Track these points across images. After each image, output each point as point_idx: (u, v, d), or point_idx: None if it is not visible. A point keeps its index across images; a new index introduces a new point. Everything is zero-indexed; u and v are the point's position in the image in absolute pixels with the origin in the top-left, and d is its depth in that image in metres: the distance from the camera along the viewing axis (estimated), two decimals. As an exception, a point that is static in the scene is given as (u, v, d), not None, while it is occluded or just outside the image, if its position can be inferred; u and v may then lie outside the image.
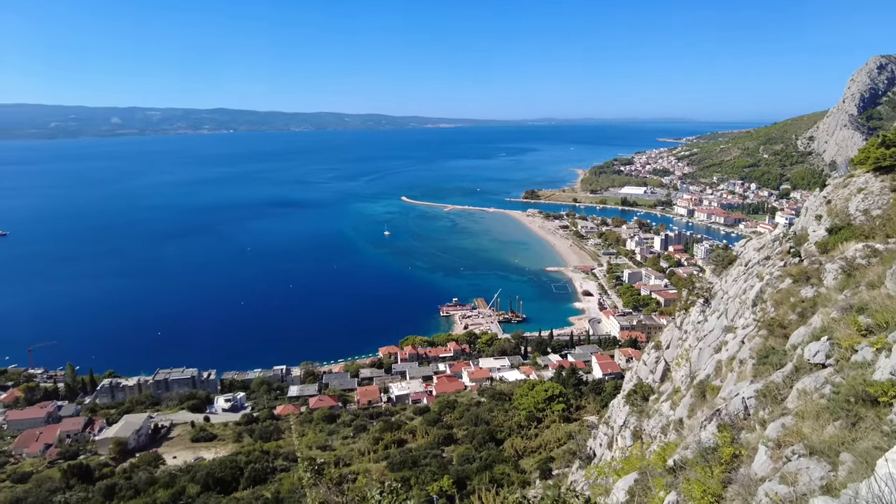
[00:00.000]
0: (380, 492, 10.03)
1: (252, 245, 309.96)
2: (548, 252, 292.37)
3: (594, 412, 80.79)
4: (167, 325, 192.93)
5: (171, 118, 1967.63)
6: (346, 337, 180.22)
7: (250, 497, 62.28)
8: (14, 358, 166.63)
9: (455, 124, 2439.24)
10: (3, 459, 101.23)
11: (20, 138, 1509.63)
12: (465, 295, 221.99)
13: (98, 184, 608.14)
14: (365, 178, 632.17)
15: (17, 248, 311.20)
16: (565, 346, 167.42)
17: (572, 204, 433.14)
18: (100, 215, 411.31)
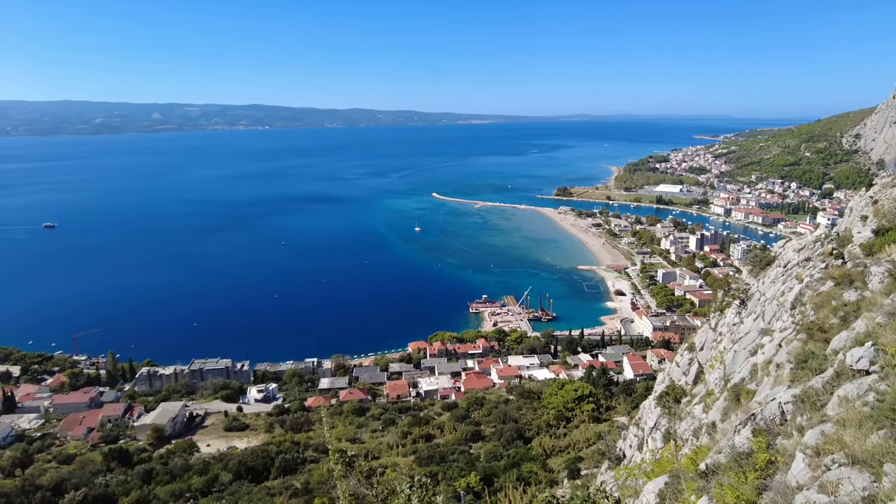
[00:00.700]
0: (409, 486, 10.06)
1: (286, 239, 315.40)
2: (580, 250, 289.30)
3: (624, 413, 79.71)
4: (203, 316, 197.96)
5: (209, 114, 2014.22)
6: (376, 331, 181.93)
7: (281, 486, 63.38)
8: (60, 345, 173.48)
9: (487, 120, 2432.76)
10: (49, 441, 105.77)
11: (67, 134, 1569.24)
12: (494, 292, 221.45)
13: (140, 178, 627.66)
14: (396, 174, 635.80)
15: (65, 240, 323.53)
16: (596, 345, 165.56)
17: (606, 202, 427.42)
18: (141, 209, 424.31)
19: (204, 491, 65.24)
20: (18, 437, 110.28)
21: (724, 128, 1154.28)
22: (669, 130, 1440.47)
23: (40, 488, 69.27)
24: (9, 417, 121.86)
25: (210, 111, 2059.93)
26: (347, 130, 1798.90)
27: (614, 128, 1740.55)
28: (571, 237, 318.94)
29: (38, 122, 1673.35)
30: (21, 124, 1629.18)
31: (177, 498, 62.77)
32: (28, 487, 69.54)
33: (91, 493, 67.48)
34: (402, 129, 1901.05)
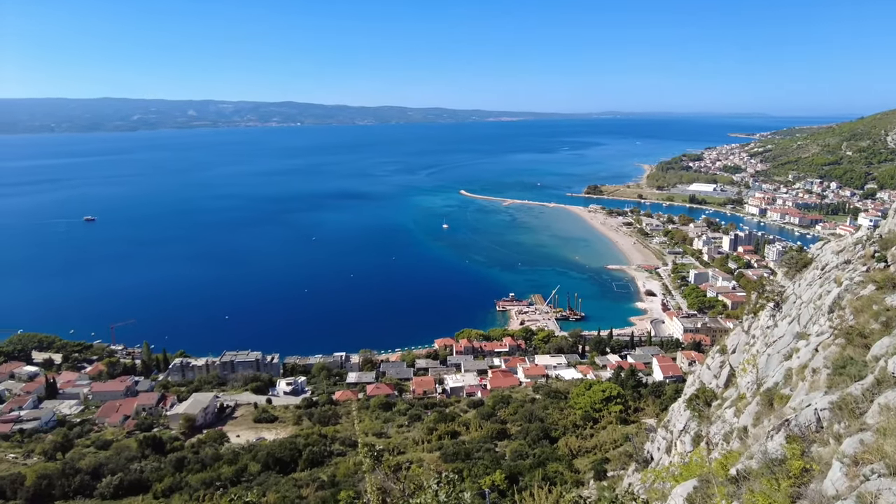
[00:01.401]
0: (437, 482, 10.11)
1: (317, 235, 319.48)
2: (610, 249, 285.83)
3: (653, 415, 78.62)
4: (235, 308, 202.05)
5: (242, 111, 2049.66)
6: (403, 327, 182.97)
7: (308, 478, 64.41)
8: (99, 334, 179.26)
9: (517, 117, 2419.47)
10: (88, 427, 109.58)
11: (107, 130, 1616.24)
12: (522, 290, 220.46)
13: (176, 173, 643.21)
14: (425, 171, 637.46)
15: (104, 233, 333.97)
16: (625, 346, 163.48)
17: (637, 200, 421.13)
18: (177, 203, 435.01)
19: (233, 480, 66.74)
20: (60, 422, 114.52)
21: (761, 126, 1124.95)
22: (703, 128, 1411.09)
23: (80, 472, 71.81)
24: (51, 403, 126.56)
25: (243, 108, 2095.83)
26: (378, 127, 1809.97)
27: (646, 125, 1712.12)
28: (601, 236, 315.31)
29: (79, 118, 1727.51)
30: (64, 121, 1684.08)
31: (207, 486, 64.34)
32: (68, 471, 72.17)
33: (126, 478, 69.74)
34: (432, 126, 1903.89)
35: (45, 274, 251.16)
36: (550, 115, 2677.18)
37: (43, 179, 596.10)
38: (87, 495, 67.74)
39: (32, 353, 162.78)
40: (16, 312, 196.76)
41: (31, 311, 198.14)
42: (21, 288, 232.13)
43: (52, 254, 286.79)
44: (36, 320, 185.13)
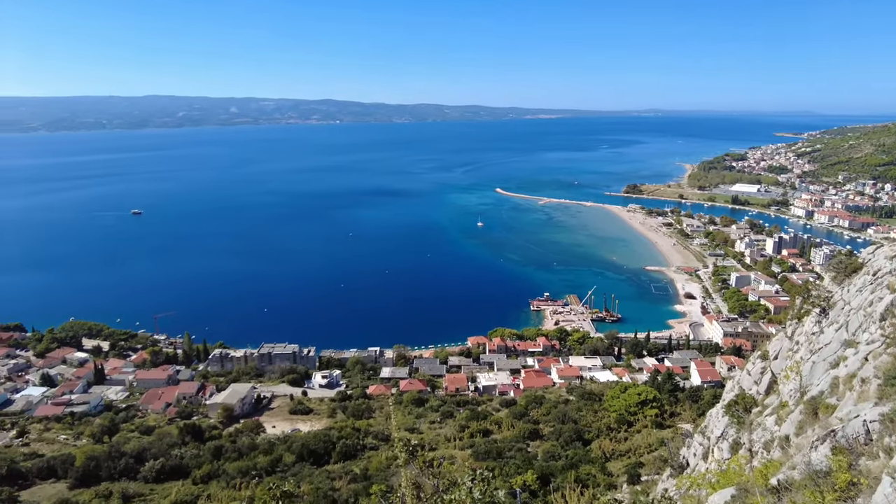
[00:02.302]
0: (471, 479, 10.12)
1: (354, 231, 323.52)
2: (648, 250, 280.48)
3: (689, 420, 76.94)
4: (274, 302, 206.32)
5: (283, 108, 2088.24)
6: (436, 324, 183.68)
7: (341, 471, 65.37)
8: (143, 324, 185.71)
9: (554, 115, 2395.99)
10: (132, 412, 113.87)
11: (154, 127, 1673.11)
12: (557, 290, 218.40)
13: (218, 169, 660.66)
14: (461, 169, 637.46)
15: (150, 227, 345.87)
16: (662, 349, 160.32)
17: (678, 200, 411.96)
18: (219, 198, 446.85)
19: (268, 470, 68.24)
20: (107, 407, 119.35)
21: (810, 124, 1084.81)
22: (748, 127, 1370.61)
23: (124, 455, 74.65)
24: (99, 388, 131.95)
25: (284, 105, 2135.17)
26: (415, 125, 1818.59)
27: (689, 123, 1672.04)
28: (640, 236, 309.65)
29: (129, 115, 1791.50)
30: (115, 118, 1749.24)
31: (243, 475, 65.97)
32: (114, 453, 75.13)
33: (168, 463, 72.15)
34: (468, 123, 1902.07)
35: (94, 265, 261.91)
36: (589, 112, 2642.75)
37: (94, 174, 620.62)
38: (131, 478, 70.36)
39: (82, 340, 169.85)
40: (68, 301, 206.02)
41: (82, 300, 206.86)
42: (72, 277, 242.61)
43: (101, 246, 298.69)
44: (86, 309, 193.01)
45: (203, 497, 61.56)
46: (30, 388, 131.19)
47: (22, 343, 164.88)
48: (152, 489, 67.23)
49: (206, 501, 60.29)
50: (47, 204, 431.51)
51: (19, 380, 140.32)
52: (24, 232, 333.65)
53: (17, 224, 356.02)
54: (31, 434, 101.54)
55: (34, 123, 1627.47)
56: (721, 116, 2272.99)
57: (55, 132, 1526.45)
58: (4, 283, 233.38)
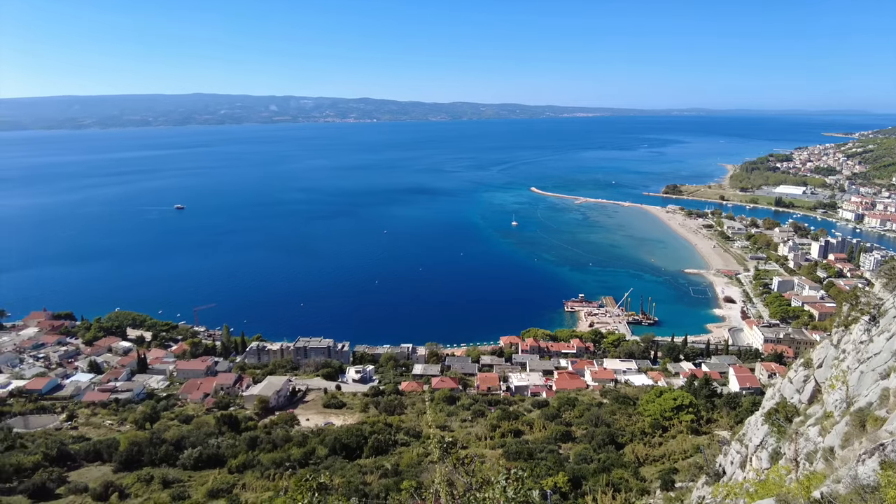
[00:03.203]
0: (505, 478, 10.12)
1: (388, 228, 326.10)
2: (688, 252, 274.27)
3: (727, 427, 75.07)
4: (310, 297, 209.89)
5: (321, 107, 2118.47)
6: (468, 322, 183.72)
7: (372, 465, 66.05)
8: (184, 315, 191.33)
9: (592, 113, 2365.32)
10: (173, 401, 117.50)
11: (197, 124, 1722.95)
12: (592, 291, 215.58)
13: (258, 165, 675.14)
14: (496, 167, 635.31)
15: (191, 221, 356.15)
16: (700, 354, 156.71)
17: (718, 202, 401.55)
18: (259, 194, 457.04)
19: (302, 462, 69.48)
20: (149, 395, 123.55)
21: (862, 124, 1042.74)
22: (794, 127, 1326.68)
23: (165, 442, 77.13)
24: (142, 377, 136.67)
25: (322, 104, 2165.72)
26: (450, 124, 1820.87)
27: (732, 123, 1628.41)
28: (679, 238, 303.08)
29: (173, 113, 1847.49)
30: (160, 115, 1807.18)
31: (277, 466, 67.36)
32: (155, 440, 77.73)
33: (205, 452, 74.21)
34: (505, 122, 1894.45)
35: (139, 257, 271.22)
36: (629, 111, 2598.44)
37: (141, 170, 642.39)
38: (171, 464, 72.66)
39: (127, 330, 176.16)
40: (114, 291, 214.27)
41: (127, 291, 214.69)
42: (119, 269, 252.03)
43: (146, 239, 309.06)
44: (130, 299, 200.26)
45: (238, 486, 63.15)
46: (78, 375, 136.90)
47: (72, 331, 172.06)
48: (190, 476, 69.27)
49: (241, 490, 61.82)
50: (97, 198, 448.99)
51: (69, 366, 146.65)
52: (76, 225, 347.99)
53: (70, 217, 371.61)
54: (80, 418, 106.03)
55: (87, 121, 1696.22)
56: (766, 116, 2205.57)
57: (106, 129, 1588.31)
58: (57, 273, 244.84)
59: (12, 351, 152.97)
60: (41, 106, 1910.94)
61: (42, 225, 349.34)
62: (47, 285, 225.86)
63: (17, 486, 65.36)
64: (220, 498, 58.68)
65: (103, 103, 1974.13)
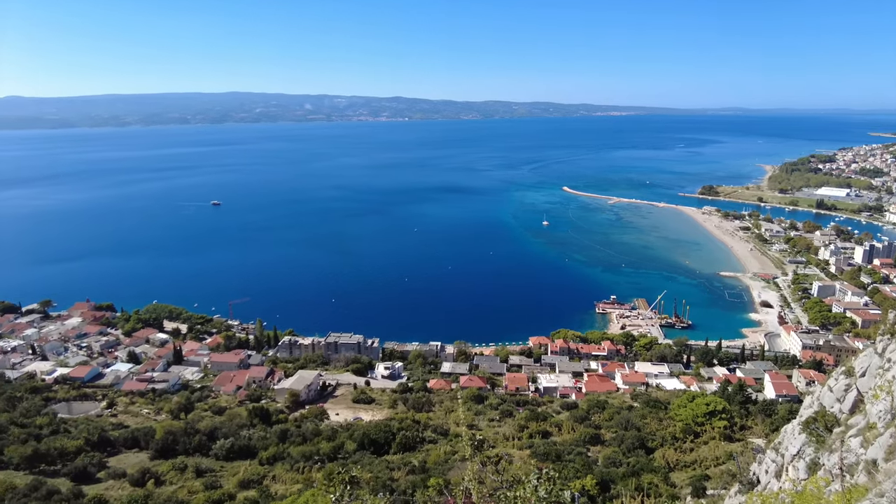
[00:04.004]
0: (537, 478, 10.07)
1: (419, 226, 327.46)
2: (723, 255, 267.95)
3: (761, 435, 73.18)
4: (341, 293, 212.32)
5: (355, 105, 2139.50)
6: (497, 322, 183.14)
7: (400, 462, 66.50)
8: (219, 309, 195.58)
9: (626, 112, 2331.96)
10: (206, 393, 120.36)
11: (233, 122, 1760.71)
12: (624, 293, 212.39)
13: (292, 163, 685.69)
14: (528, 166, 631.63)
15: (227, 217, 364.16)
16: (734, 359, 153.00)
17: (756, 203, 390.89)
18: (293, 191, 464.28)
19: (330, 456, 70.38)
20: (184, 386, 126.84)
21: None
22: (838, 126, 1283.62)
23: (198, 432, 79.14)
24: (177, 368, 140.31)
25: (356, 102, 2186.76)
26: (482, 122, 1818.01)
27: (771, 123, 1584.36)
28: (715, 240, 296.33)
29: (210, 111, 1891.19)
30: (198, 113, 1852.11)
31: (307, 459, 68.39)
32: (190, 430, 79.83)
33: (237, 443, 75.87)
34: (537, 120, 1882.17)
35: (176, 251, 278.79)
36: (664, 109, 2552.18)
37: (179, 166, 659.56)
38: (204, 454, 74.52)
39: (164, 322, 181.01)
40: (151, 284, 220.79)
41: (164, 284, 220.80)
42: (157, 262, 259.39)
43: (182, 234, 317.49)
44: (167, 292, 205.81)
45: (268, 478, 64.38)
46: (118, 364, 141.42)
47: (112, 322, 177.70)
48: (222, 466, 70.93)
49: (271, 482, 63.01)
50: (138, 193, 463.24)
51: (109, 356, 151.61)
52: (117, 219, 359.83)
53: (113, 212, 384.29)
54: (118, 406, 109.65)
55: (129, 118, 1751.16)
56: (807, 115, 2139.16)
57: (147, 126, 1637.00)
58: (100, 266, 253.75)
59: (58, 340, 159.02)
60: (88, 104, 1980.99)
61: (87, 219, 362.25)
62: (90, 277, 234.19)
63: (61, 469, 68.07)
64: (250, 489, 59.87)
65: (144, 101, 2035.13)
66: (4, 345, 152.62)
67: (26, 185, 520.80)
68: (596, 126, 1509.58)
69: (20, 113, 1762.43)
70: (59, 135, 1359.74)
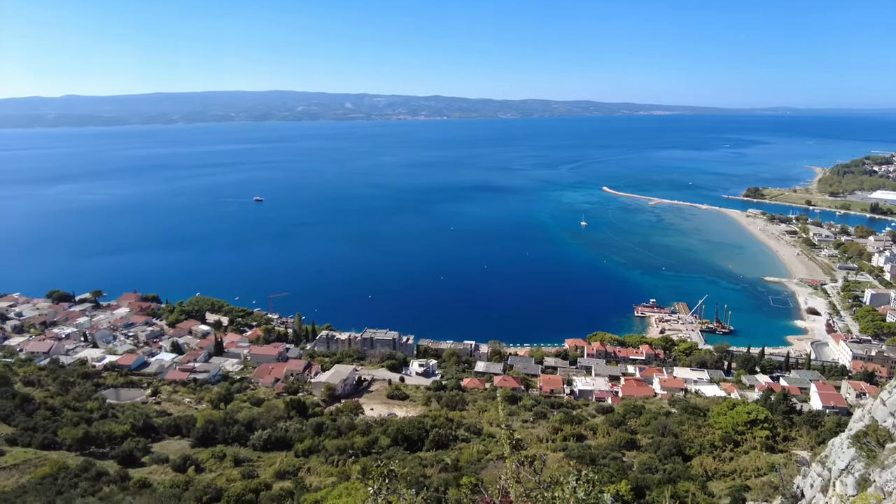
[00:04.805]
0: (576, 479, 10.01)
1: (455, 225, 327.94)
2: (768, 259, 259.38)
3: (806, 447, 70.64)
4: (377, 289, 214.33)
5: (394, 104, 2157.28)
6: (532, 322, 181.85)
7: (432, 459, 66.70)
8: (259, 302, 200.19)
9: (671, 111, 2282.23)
10: (245, 384, 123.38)
11: (276, 120, 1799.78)
12: (664, 297, 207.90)
13: (333, 161, 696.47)
14: (566, 166, 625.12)
15: (269, 213, 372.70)
16: (778, 367, 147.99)
17: (804, 207, 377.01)
18: (333, 189, 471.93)
19: (364, 451, 71.13)
20: (224, 377, 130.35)
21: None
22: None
23: (237, 423, 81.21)
24: (218, 359, 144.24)
25: (395, 101, 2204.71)
26: (521, 121, 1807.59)
27: (822, 123, 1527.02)
28: (759, 244, 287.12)
29: (253, 109, 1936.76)
30: (242, 111, 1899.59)
31: (341, 452, 69.30)
32: (229, 420, 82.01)
33: (274, 434, 77.51)
34: (577, 119, 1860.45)
35: (219, 246, 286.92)
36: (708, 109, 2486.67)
37: (223, 163, 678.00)
38: (242, 444, 76.42)
39: (206, 314, 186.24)
40: (195, 277, 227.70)
41: (206, 277, 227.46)
42: (200, 256, 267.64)
43: (225, 229, 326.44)
44: (210, 285, 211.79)
45: (304, 469, 65.54)
46: (162, 354, 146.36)
47: (157, 313, 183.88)
48: (259, 456, 72.57)
49: (306, 474, 64.12)
50: (183, 189, 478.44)
51: (154, 345, 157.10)
52: (163, 214, 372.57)
53: (160, 207, 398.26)
54: (162, 394, 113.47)
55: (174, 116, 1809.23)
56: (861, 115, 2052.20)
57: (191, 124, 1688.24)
58: (146, 258, 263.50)
59: (107, 328, 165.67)
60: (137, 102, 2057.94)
61: (135, 213, 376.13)
62: (137, 269, 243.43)
63: (109, 452, 70.99)
64: (286, 479, 61.09)
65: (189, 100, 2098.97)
66: (59, 332, 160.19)
67: (80, 181, 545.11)
68: (638, 125, 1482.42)
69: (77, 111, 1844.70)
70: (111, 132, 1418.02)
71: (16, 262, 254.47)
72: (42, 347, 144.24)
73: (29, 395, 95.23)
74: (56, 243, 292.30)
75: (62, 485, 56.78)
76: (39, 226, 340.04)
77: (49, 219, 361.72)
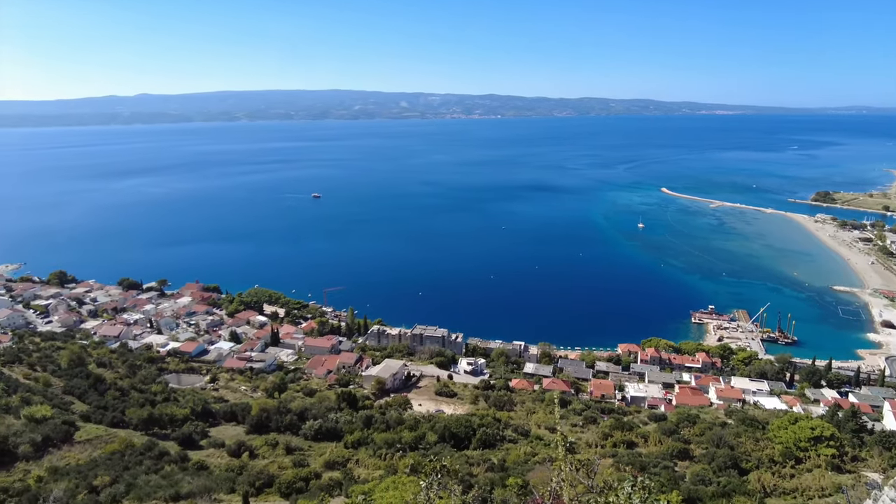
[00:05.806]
0: (631, 485, 9.82)
1: (507, 224, 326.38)
2: (838, 267, 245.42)
3: (877, 469, 66.48)
4: (428, 286, 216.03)
5: (448, 103, 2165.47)
6: (584, 325, 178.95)
7: (479, 458, 66.62)
8: (314, 296, 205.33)
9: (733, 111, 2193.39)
10: (299, 375, 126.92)
11: (333, 118, 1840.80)
12: (723, 303, 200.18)
13: (388, 159, 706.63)
14: (623, 165, 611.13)
15: (327, 209, 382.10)
16: (847, 382, 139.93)
17: (881, 213, 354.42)
18: (388, 186, 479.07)
19: (412, 446, 71.74)
20: (279, 367, 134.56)
21: None
22: None
23: (290, 412, 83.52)
24: (274, 349, 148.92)
25: (449, 100, 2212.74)
26: (577, 120, 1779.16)
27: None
28: (829, 251, 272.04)
29: (312, 108, 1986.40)
30: (301, 110, 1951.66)
31: (389, 446, 70.16)
32: (282, 409, 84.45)
33: (325, 425, 79.26)
34: (636, 118, 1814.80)
35: (278, 240, 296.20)
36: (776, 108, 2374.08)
37: (283, 159, 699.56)
38: (294, 433, 78.54)
39: (263, 306, 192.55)
40: (253, 269, 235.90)
41: (264, 270, 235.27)
42: (260, 249, 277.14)
43: (283, 223, 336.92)
44: (268, 278, 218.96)
45: (352, 461, 66.77)
46: (221, 343, 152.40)
47: (217, 303, 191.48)
48: (310, 446, 74.37)
49: (354, 465, 65.31)
50: (245, 184, 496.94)
51: (214, 334, 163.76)
52: (224, 208, 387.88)
53: (221, 201, 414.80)
54: (220, 381, 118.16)
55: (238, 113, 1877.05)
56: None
57: (254, 121, 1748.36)
58: (209, 250, 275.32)
59: (171, 316, 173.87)
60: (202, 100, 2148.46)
61: (198, 207, 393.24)
62: (200, 260, 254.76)
63: (170, 434, 74.63)
64: (335, 470, 62.41)
65: (251, 98, 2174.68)
66: (128, 317, 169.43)
67: (148, 175, 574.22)
68: (699, 125, 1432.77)
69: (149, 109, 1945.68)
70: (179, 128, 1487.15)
71: (91, 251, 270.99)
72: (113, 332, 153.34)
73: (101, 375, 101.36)
74: (127, 233, 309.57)
75: (128, 461, 60.11)
76: (112, 217, 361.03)
77: (121, 210, 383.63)
